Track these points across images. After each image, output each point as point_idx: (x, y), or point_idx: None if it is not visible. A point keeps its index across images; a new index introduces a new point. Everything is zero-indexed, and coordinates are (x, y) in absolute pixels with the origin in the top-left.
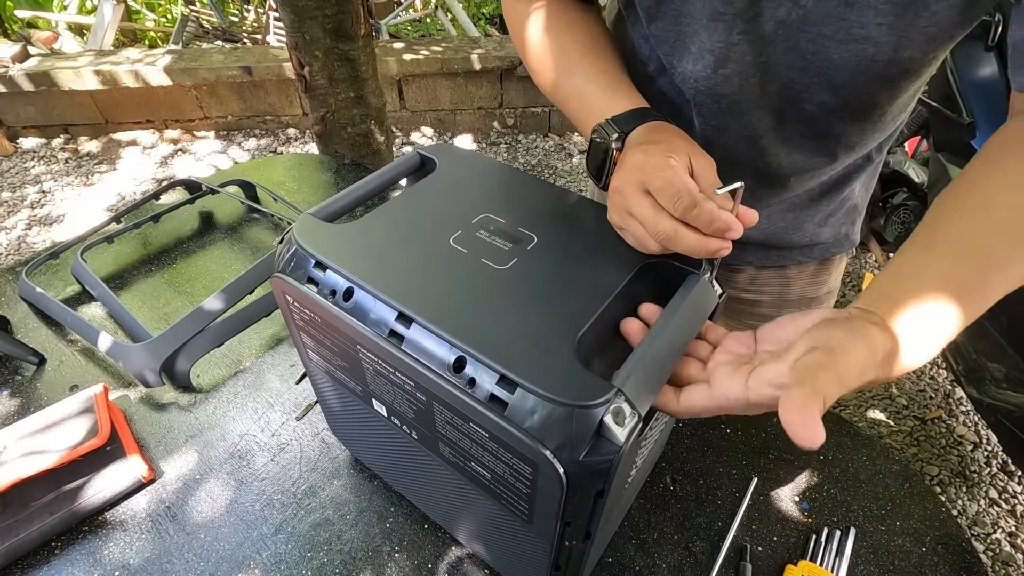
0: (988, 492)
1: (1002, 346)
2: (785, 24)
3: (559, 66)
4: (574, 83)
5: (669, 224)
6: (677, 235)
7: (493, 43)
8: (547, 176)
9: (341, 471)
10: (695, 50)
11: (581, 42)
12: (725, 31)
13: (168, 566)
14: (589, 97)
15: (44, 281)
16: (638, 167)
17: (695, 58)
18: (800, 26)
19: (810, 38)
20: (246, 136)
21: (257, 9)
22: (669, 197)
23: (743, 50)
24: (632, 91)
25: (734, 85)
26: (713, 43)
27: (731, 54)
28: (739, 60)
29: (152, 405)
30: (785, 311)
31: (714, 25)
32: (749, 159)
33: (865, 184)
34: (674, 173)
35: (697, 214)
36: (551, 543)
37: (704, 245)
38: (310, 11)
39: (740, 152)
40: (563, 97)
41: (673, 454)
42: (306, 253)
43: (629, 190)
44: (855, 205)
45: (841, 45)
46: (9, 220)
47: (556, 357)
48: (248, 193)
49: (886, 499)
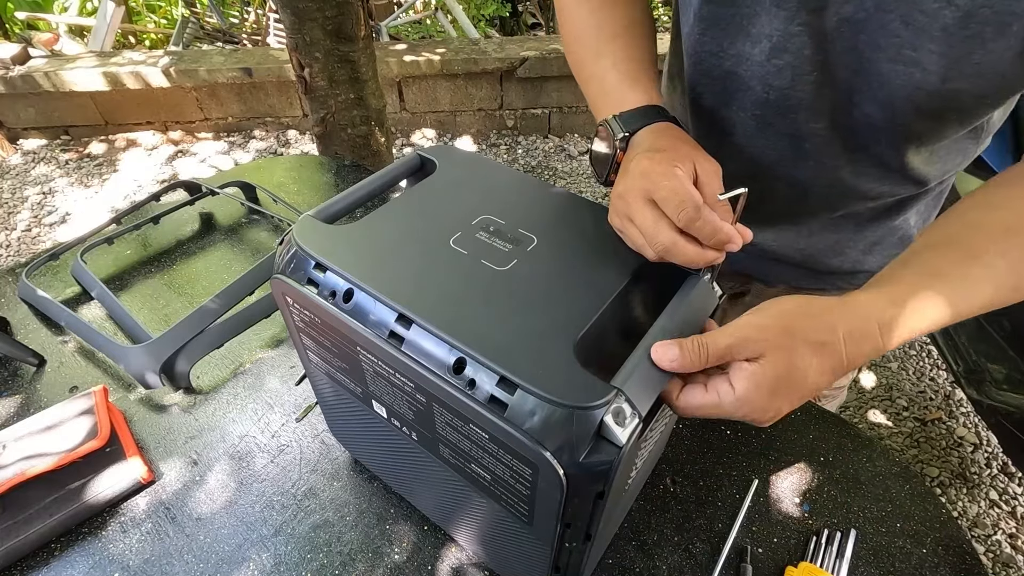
0: (988, 494)
1: (1002, 348)
2: (849, 22)
3: (589, 45)
4: (600, 65)
5: (668, 236)
6: (676, 247)
7: (493, 45)
8: (547, 177)
9: (341, 473)
10: (754, 32)
11: (617, 23)
12: (786, 19)
13: (168, 567)
14: (608, 84)
15: (44, 282)
16: (643, 174)
17: (753, 40)
18: (863, 27)
19: (867, 43)
20: (246, 137)
21: (257, 11)
22: (674, 207)
23: (801, 43)
24: (651, 85)
25: (786, 78)
26: (772, 29)
27: (788, 45)
28: (796, 52)
29: (152, 406)
30: None
31: (775, 11)
32: (790, 161)
33: (923, 215)
34: (679, 183)
35: (700, 226)
36: (551, 545)
37: (702, 257)
38: (310, 13)
39: (780, 151)
40: (586, 76)
41: (673, 455)
42: (306, 254)
43: (632, 197)
44: (908, 236)
45: (890, 62)
46: (9, 221)
47: (556, 358)
48: (248, 194)
49: (886, 501)
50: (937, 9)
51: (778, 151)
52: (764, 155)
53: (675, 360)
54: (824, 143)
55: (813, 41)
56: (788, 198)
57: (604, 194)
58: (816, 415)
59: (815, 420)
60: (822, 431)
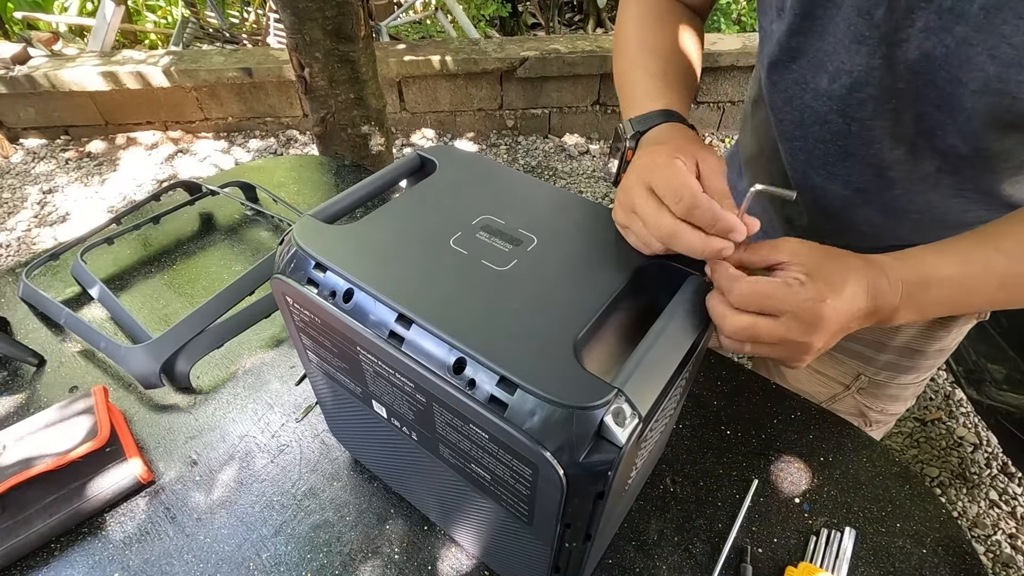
0: (988, 494)
1: (1002, 348)
2: (929, 57)
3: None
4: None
5: (670, 221)
6: (678, 233)
7: (493, 45)
8: (547, 177)
9: (341, 473)
10: (832, 69)
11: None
12: (868, 54)
13: (168, 567)
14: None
15: (44, 282)
16: (644, 166)
17: (831, 77)
18: (942, 63)
19: (947, 79)
20: (246, 137)
21: (257, 11)
22: (672, 194)
23: (881, 75)
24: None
25: (868, 109)
26: (853, 65)
27: (870, 78)
28: (877, 85)
29: (152, 406)
30: (883, 356)
31: (857, 48)
32: (875, 190)
33: None
34: (677, 171)
35: (699, 213)
36: (551, 545)
37: (707, 244)
38: (310, 13)
39: (866, 181)
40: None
41: (673, 455)
42: (306, 254)
43: (635, 189)
44: None
45: (975, 95)
46: (9, 221)
47: (556, 358)
48: (248, 194)
49: (886, 501)
50: None
51: (864, 179)
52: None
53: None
54: (912, 174)
55: (892, 73)
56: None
57: (604, 194)
58: (816, 415)
59: (815, 420)
60: (822, 431)
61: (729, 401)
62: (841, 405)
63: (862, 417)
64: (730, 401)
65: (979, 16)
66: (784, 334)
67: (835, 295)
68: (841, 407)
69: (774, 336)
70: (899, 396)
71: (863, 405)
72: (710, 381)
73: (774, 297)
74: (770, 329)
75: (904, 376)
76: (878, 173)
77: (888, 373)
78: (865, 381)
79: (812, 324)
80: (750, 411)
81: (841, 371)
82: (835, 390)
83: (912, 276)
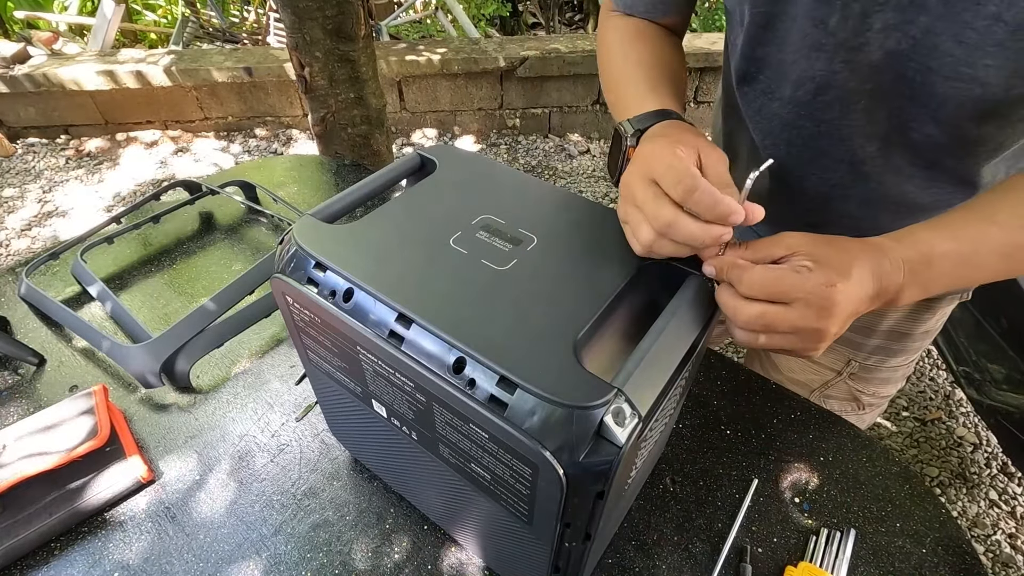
0: (988, 494)
1: (1002, 348)
2: (895, 54)
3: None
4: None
5: (670, 211)
6: (678, 222)
7: (493, 44)
8: (547, 177)
9: (341, 472)
10: (795, 77)
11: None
12: (827, 60)
13: (167, 567)
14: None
15: (44, 281)
16: (645, 158)
17: (795, 85)
18: (910, 55)
19: (918, 69)
20: (246, 137)
21: (257, 10)
22: (671, 180)
23: (845, 78)
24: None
25: (835, 111)
26: (815, 71)
27: (833, 82)
28: (841, 87)
29: (152, 406)
30: (872, 341)
31: (816, 55)
32: (850, 184)
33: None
34: (677, 159)
35: (699, 197)
36: (551, 544)
37: (706, 232)
38: (310, 12)
39: (840, 177)
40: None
41: (673, 455)
42: (306, 254)
43: (636, 181)
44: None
45: (947, 82)
46: (9, 220)
47: (556, 358)
48: (248, 194)
49: (886, 501)
50: (987, 27)
51: (839, 175)
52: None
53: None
54: (887, 166)
55: (857, 76)
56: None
57: (604, 194)
58: (816, 415)
59: (815, 420)
60: (822, 431)
61: (729, 401)
62: (834, 391)
63: (855, 401)
64: (730, 401)
65: (939, 6)
66: (797, 321)
67: (844, 279)
68: (834, 393)
69: (787, 324)
70: (890, 379)
71: (855, 390)
72: (710, 381)
73: (784, 282)
74: (783, 316)
75: (893, 359)
76: (852, 168)
77: (878, 357)
78: (856, 366)
79: (825, 309)
80: (750, 411)
81: (832, 358)
82: (827, 377)
83: (913, 255)
